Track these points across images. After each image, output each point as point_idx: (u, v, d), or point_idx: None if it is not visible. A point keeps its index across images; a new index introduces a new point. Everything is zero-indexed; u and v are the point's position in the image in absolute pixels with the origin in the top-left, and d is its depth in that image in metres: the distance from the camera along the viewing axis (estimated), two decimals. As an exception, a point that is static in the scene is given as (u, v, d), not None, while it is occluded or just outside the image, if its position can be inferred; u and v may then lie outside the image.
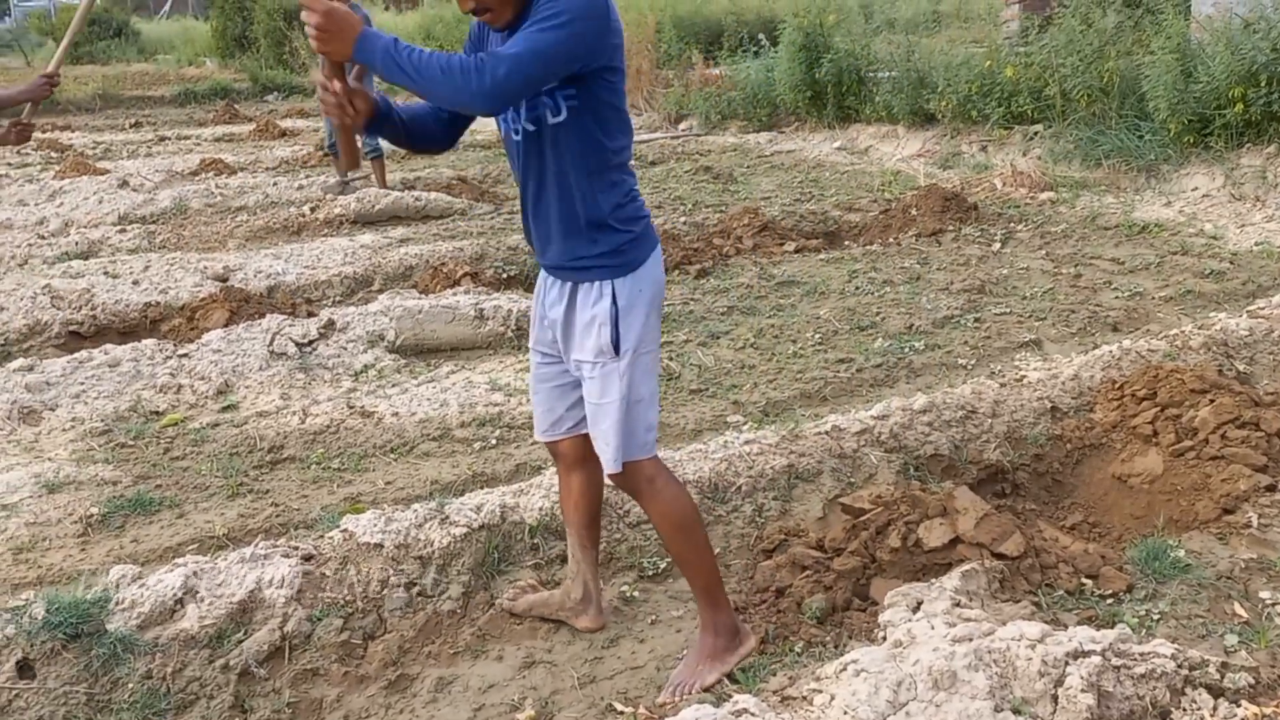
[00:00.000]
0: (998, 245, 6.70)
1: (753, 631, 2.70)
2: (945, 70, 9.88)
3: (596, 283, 2.43)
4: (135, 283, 6.21)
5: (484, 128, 13.82)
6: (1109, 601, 2.82)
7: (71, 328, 5.63)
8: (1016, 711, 2.09)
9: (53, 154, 12.36)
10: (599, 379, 2.47)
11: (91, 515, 3.58)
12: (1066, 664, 2.14)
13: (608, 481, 2.67)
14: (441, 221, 8.04)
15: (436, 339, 5.32)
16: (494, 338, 5.34)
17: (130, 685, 2.56)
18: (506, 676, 2.74)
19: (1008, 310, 5.42)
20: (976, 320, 5.29)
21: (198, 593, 2.76)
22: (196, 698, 2.59)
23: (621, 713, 2.54)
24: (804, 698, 2.20)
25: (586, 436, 2.62)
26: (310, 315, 5.56)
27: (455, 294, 5.85)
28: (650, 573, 3.13)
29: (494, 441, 4.17)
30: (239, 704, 2.61)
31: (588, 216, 2.41)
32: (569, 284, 2.48)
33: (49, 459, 4.04)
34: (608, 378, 2.45)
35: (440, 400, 4.53)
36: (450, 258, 6.64)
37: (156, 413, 4.49)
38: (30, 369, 4.71)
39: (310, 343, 5.12)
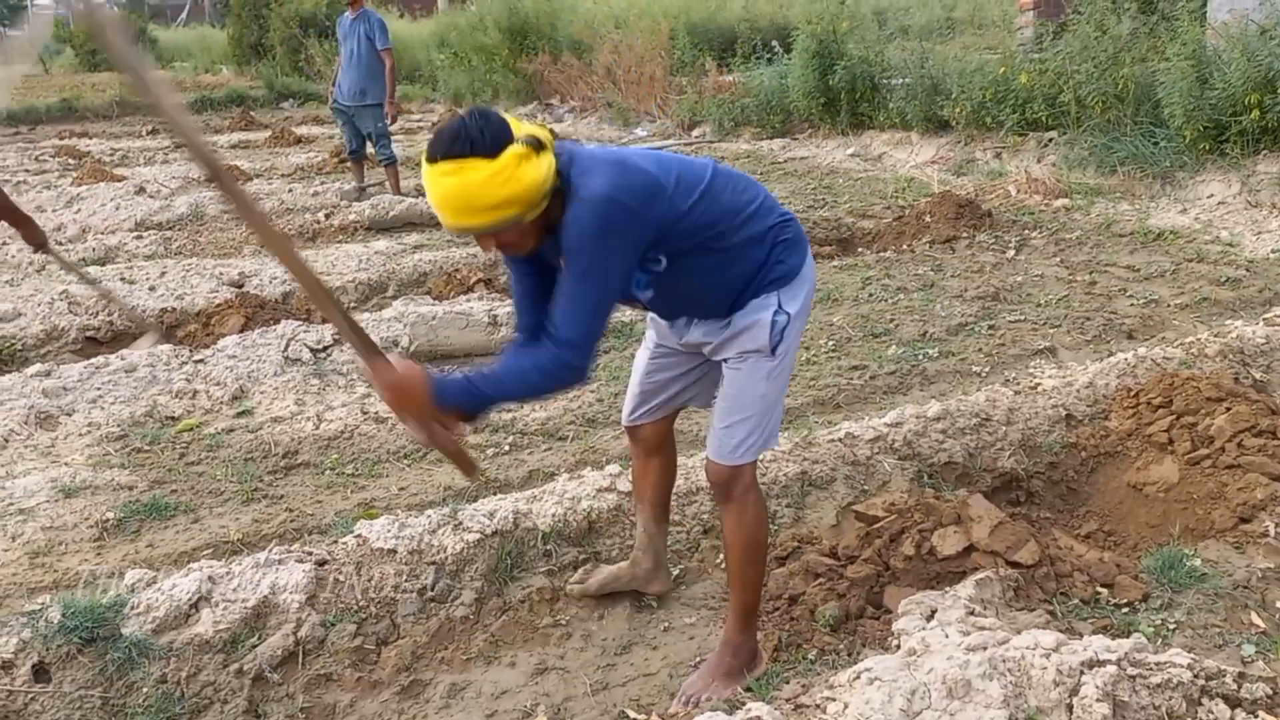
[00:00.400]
0: (1012, 252, 6.68)
1: (765, 641, 2.73)
2: (959, 77, 9.87)
3: (766, 294, 2.46)
4: (152, 288, 6.24)
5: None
6: (1124, 611, 2.80)
7: (88, 333, 5.67)
8: (1031, 720, 2.08)
9: (70, 160, 12.44)
10: (746, 372, 2.49)
11: (107, 520, 3.60)
12: (1082, 673, 2.13)
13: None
14: (455, 228, 8.06)
15: (450, 345, 5.34)
16: (507, 344, 5.34)
17: (145, 689, 2.58)
18: (519, 683, 2.74)
19: (1022, 317, 5.40)
20: (991, 327, 5.27)
21: (212, 597, 2.77)
22: (211, 702, 2.60)
23: (634, 720, 2.54)
24: (817, 706, 2.19)
25: (668, 422, 2.78)
26: (325, 321, 5.58)
27: (469, 300, 5.86)
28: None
29: (506, 448, 4.17)
30: (253, 708, 2.62)
31: (747, 270, 2.43)
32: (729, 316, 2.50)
33: (65, 464, 4.06)
34: (754, 373, 2.48)
35: (454, 406, 4.53)
36: (464, 264, 6.65)
37: (172, 418, 4.51)
38: (48, 374, 4.74)
39: (325, 349, 5.14)
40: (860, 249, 7.24)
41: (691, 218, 2.33)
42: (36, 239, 5.03)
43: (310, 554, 3.01)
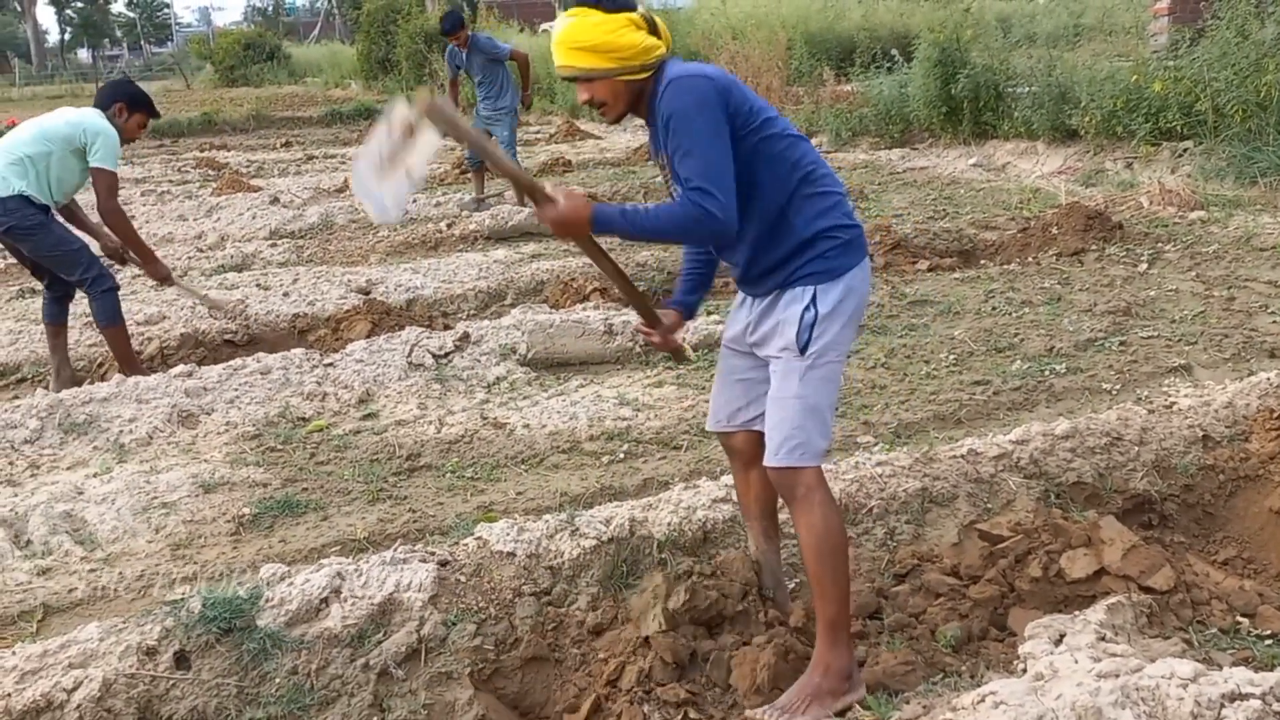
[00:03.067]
0: (1144, 266, 6.43)
1: (864, 680, 2.59)
2: (1088, 85, 9.55)
3: (799, 287, 2.52)
4: (285, 294, 6.51)
5: (613, 146, 13.99)
6: (1268, 642, 2.67)
7: (226, 336, 5.94)
8: (1167, 754, 1.99)
9: (210, 172, 13.07)
10: (780, 372, 2.54)
11: (243, 515, 3.77)
12: (1222, 706, 2.03)
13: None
14: (572, 238, 8.17)
15: (566, 353, 5.41)
16: (622, 353, 5.40)
17: (277, 680, 2.68)
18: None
19: (1155, 333, 5.19)
20: (1122, 343, 5.08)
21: (341, 593, 2.87)
22: (338, 695, 2.69)
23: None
24: (939, 727, 2.15)
25: (761, 434, 2.69)
26: (446, 328, 5.73)
27: (585, 309, 5.94)
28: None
29: (622, 455, 4.21)
30: (377, 703, 2.70)
31: (790, 239, 2.52)
32: (773, 294, 2.58)
33: (205, 460, 4.27)
34: (789, 374, 2.51)
35: (570, 413, 4.61)
36: (580, 273, 6.74)
37: (303, 419, 4.69)
38: (189, 375, 4.98)
39: (446, 354, 5.28)
40: (983, 261, 7.07)
41: (762, 140, 2.48)
42: (160, 274, 5.50)
43: (433, 554, 3.09)
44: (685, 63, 2.55)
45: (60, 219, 5.26)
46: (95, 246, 5.43)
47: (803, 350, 2.49)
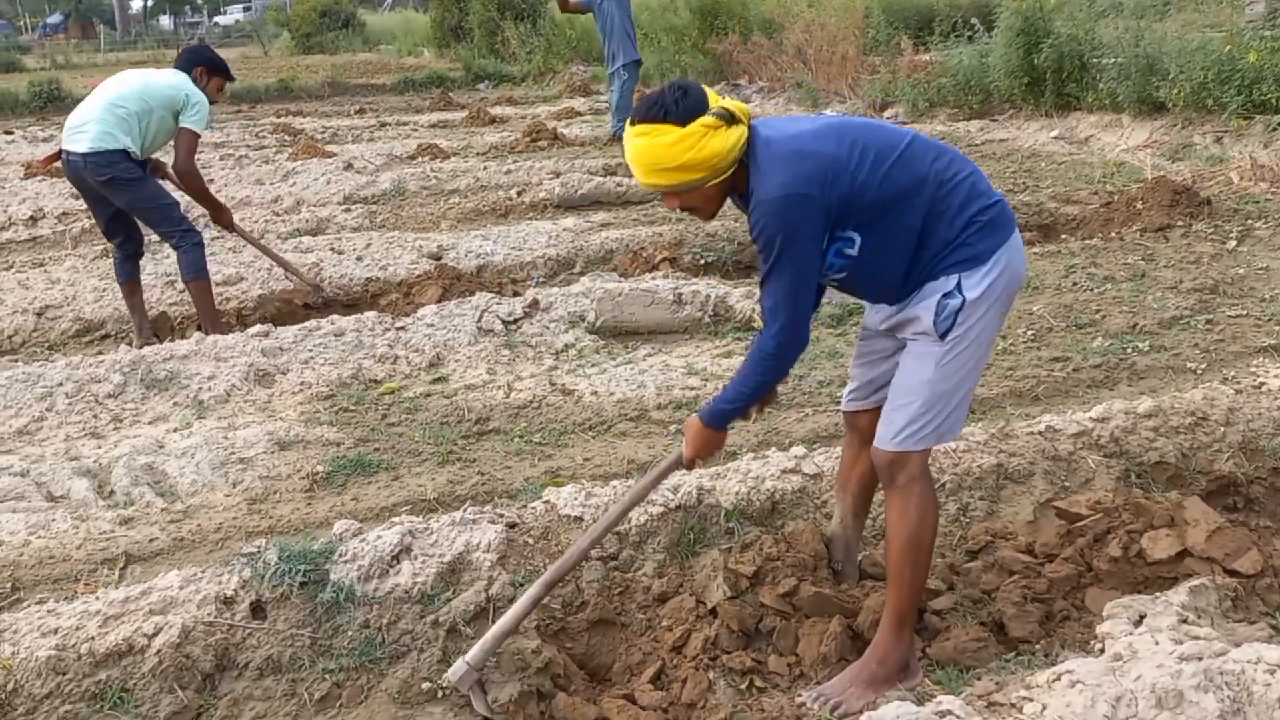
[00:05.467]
0: (1233, 243, 6.20)
1: (921, 666, 2.57)
2: (1178, 56, 9.20)
3: (943, 278, 2.41)
4: (358, 259, 6.59)
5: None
6: (1359, 631, 2.57)
7: (306, 302, 6.03)
8: (1251, 740, 1.94)
9: (286, 137, 13.26)
10: (914, 355, 2.47)
11: (317, 473, 3.83)
12: (1312, 694, 1.97)
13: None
14: (641, 207, 8.14)
15: (635, 322, 5.40)
16: (691, 322, 5.37)
17: (350, 633, 2.73)
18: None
19: (1244, 312, 5.01)
20: (1208, 322, 4.92)
21: (412, 551, 2.91)
22: (408, 650, 2.73)
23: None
24: (1012, 705, 2.11)
25: None
26: (516, 295, 5.75)
27: (654, 278, 5.91)
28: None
29: (690, 424, 4.19)
30: (446, 659, 2.72)
31: (932, 249, 2.41)
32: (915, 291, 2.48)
33: (280, 419, 4.35)
34: (924, 358, 2.44)
35: (638, 382, 4.60)
36: (649, 242, 6.71)
37: (375, 381, 4.75)
38: (266, 335, 5.08)
39: (515, 321, 5.30)
40: (1063, 235, 6.88)
41: (882, 188, 2.34)
42: (226, 220, 5.70)
43: (501, 516, 3.12)
44: (770, 151, 2.36)
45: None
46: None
47: (944, 335, 2.39)
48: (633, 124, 2.37)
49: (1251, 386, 3.84)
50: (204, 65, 5.43)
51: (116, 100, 5.17)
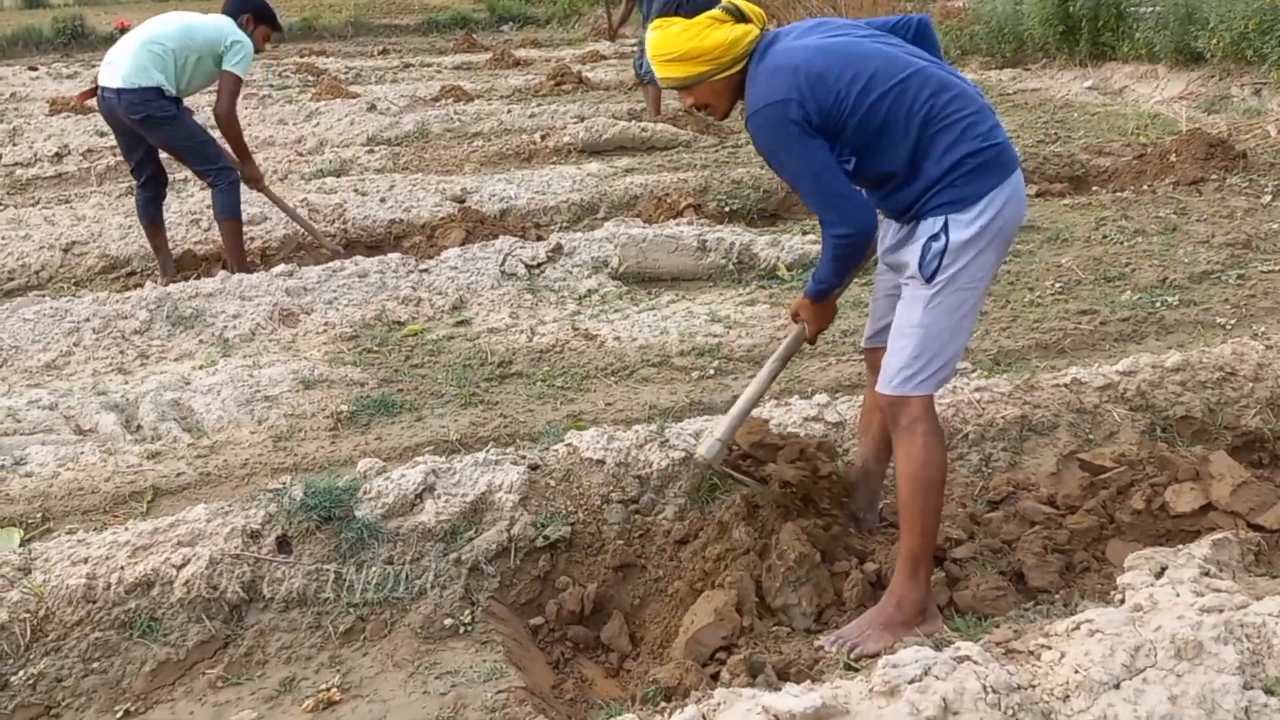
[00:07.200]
0: (1268, 198, 6.09)
1: (941, 613, 2.57)
2: (1218, 5, 8.98)
3: (931, 218, 2.41)
4: (382, 200, 6.57)
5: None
6: (1382, 588, 2.55)
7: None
8: (1270, 691, 1.94)
9: (309, 77, 13.18)
10: (906, 298, 2.48)
11: (341, 412, 3.86)
12: (1333, 648, 1.96)
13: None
14: (666, 153, 8.07)
15: (658, 268, 5.38)
16: (714, 269, 5.34)
17: (374, 569, 2.76)
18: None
19: (1277, 268, 4.94)
20: (1240, 277, 4.85)
21: (435, 490, 2.93)
22: (431, 586, 2.76)
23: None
24: (1030, 652, 2.11)
25: None
26: (539, 239, 5.73)
27: (678, 225, 5.87)
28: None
29: (712, 372, 4.19)
30: (468, 596, 2.76)
31: (921, 180, 2.41)
32: (910, 224, 2.49)
33: (304, 358, 4.37)
34: (914, 302, 2.44)
35: (660, 328, 4.59)
36: (674, 189, 6.66)
37: (399, 322, 4.77)
38: (290, 274, 5.09)
39: (539, 265, 5.29)
40: (1094, 188, 6.78)
41: (865, 115, 2.37)
42: (254, 174, 5.61)
43: (524, 458, 3.13)
44: (776, 47, 2.45)
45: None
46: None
47: (929, 279, 2.39)
48: (652, 21, 2.56)
49: (1282, 343, 3.79)
50: (251, 12, 5.42)
51: (153, 38, 5.15)
